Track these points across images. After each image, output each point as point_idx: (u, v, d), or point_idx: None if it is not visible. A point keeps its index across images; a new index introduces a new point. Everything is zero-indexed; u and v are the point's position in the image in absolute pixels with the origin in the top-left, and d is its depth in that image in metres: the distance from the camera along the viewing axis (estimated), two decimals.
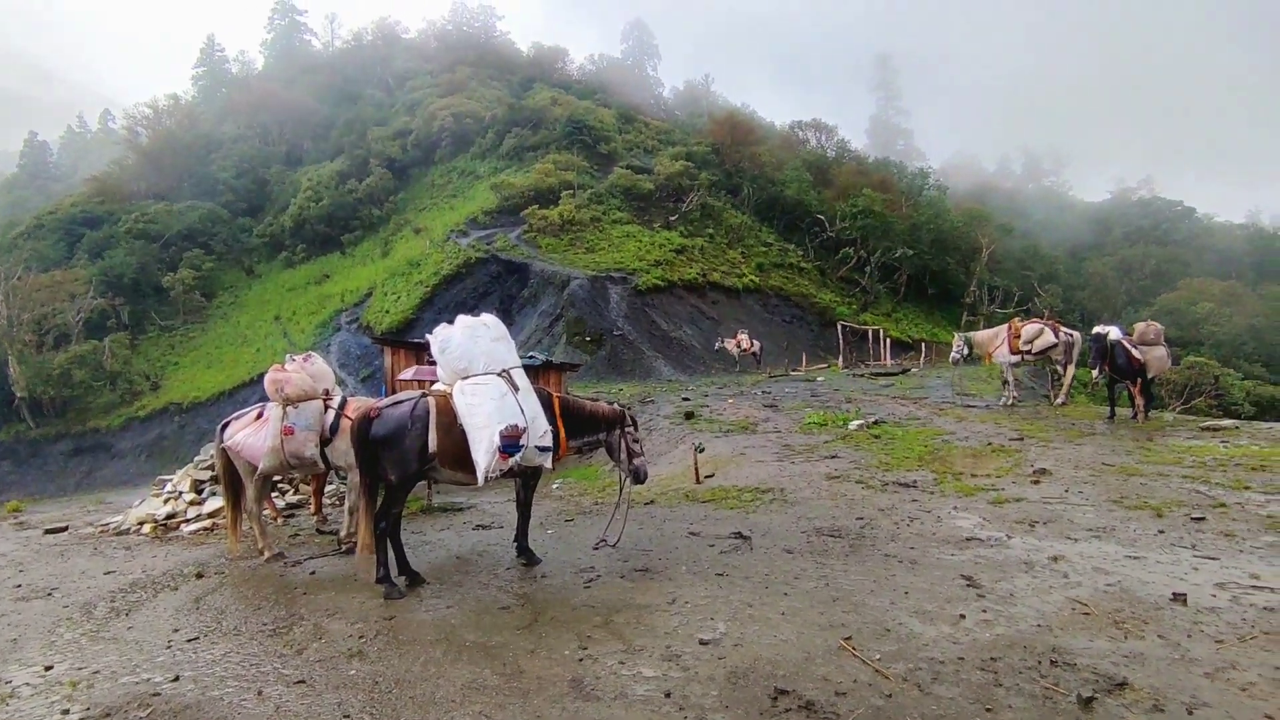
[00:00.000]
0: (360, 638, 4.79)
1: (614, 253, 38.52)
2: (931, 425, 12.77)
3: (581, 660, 4.23)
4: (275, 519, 9.11)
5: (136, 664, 4.64)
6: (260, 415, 7.10)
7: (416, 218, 50.03)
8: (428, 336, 6.20)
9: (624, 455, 6.45)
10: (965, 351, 16.00)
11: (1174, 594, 4.76)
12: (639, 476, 6.53)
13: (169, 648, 4.89)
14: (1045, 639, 4.22)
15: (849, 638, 4.31)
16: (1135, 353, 12.40)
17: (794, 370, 29.04)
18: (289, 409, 6.91)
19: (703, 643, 4.37)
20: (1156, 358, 12.54)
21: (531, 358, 17.66)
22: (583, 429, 6.38)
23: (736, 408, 16.20)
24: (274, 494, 9.82)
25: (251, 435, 6.95)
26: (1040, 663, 3.92)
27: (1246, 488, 7.62)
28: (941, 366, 25.98)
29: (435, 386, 6.24)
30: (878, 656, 4.06)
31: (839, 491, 8.39)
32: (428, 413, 5.58)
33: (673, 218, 44.07)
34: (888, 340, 34.61)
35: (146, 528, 9.14)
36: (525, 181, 45.70)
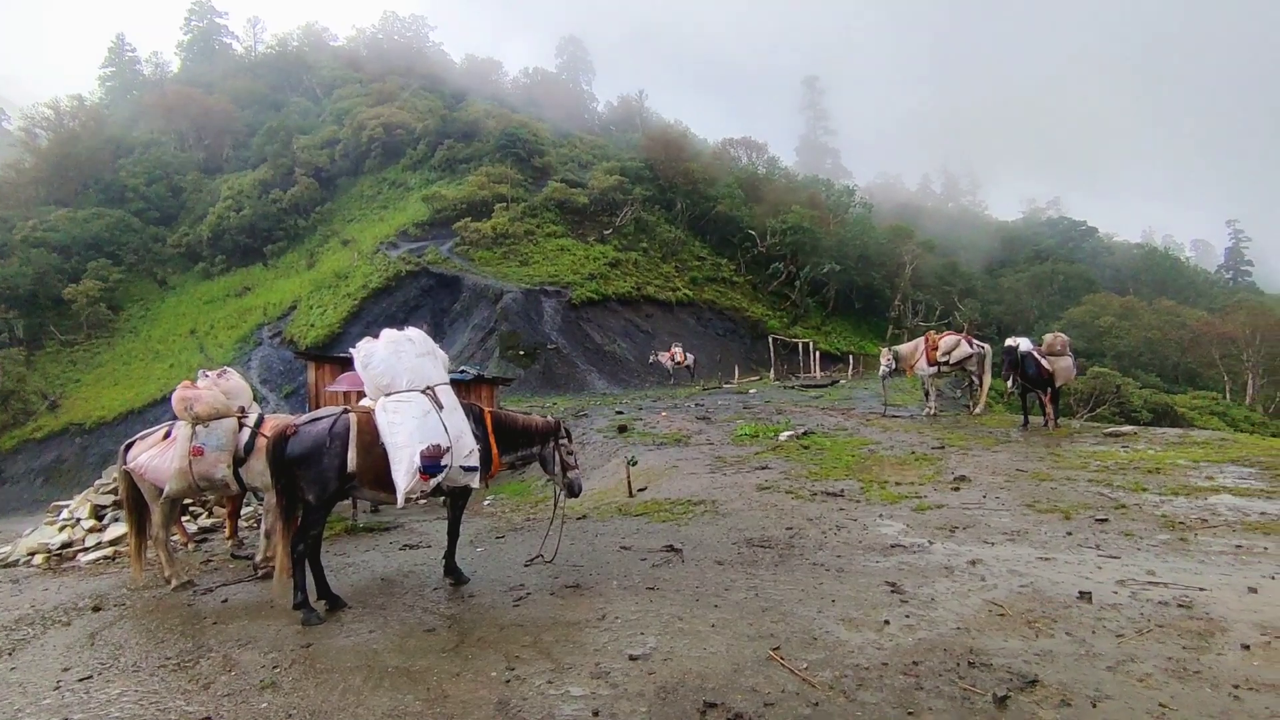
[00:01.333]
0: (274, 668, 4.54)
1: (548, 266, 38.35)
2: (859, 435, 13.13)
3: (508, 681, 4.13)
4: (186, 545, 8.60)
5: (19, 709, 4.27)
6: (168, 435, 6.69)
7: (344, 229, 48.65)
8: (350, 351, 5.99)
9: (558, 468, 6.39)
10: (893, 365, 16.56)
11: (1080, 592, 4.99)
12: (573, 489, 6.50)
13: (57, 689, 4.52)
14: (964, 641, 4.35)
15: (777, 648, 4.35)
16: (1044, 363, 13.07)
17: (727, 382, 29.43)
18: (199, 428, 6.54)
19: (632, 658, 4.32)
20: (1064, 367, 13.27)
21: (463, 372, 17.33)
22: (516, 443, 6.29)
23: (670, 420, 16.29)
24: (185, 518, 9.29)
25: (157, 456, 6.54)
26: (959, 664, 4.03)
27: (1144, 490, 8.09)
28: (869, 378, 26.76)
29: (361, 403, 6.05)
30: (805, 665, 4.10)
31: (769, 502, 8.50)
32: (348, 430, 5.38)
33: (607, 231, 44.21)
34: (817, 353, 35.48)
35: (38, 558, 8.48)
36: (458, 194, 45.08)
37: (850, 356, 36.24)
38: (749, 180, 57.55)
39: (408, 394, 5.54)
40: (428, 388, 5.64)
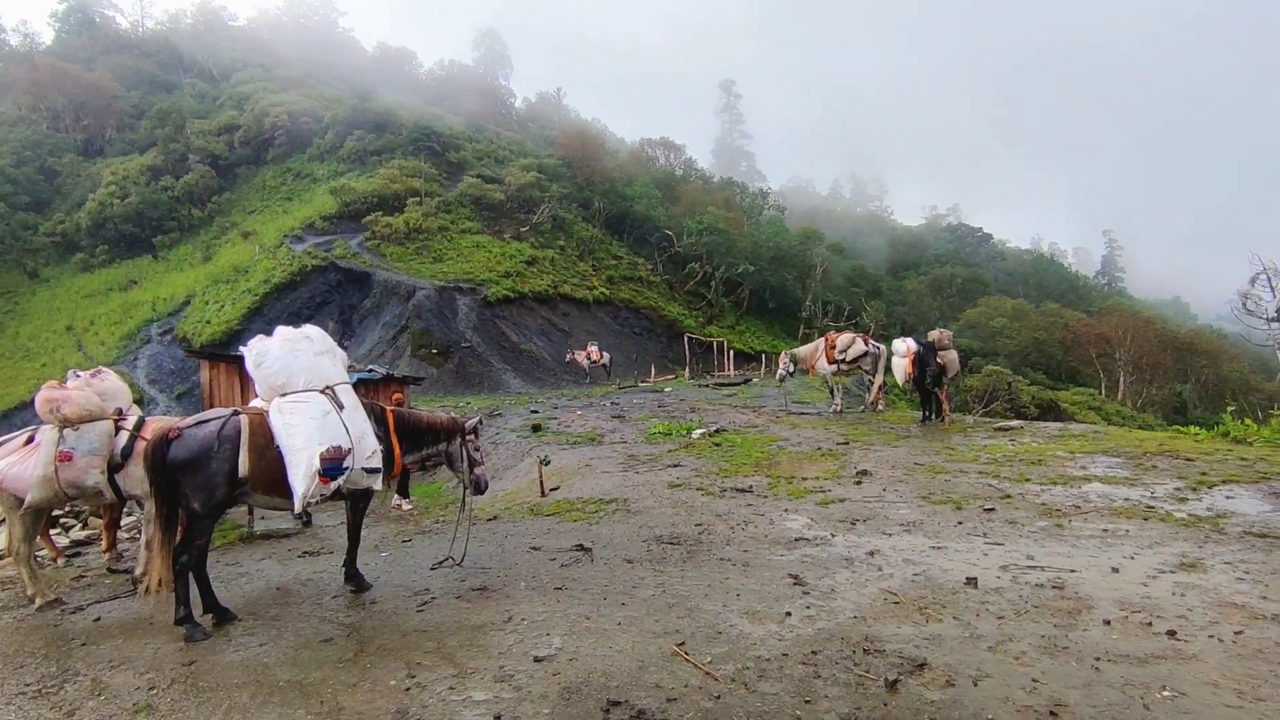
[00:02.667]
0: (151, 689, 4.24)
1: (463, 263, 37.58)
2: (768, 432, 13.47)
3: (408, 690, 4.00)
4: (55, 559, 7.93)
5: None
6: (31, 439, 6.14)
7: (245, 221, 46.18)
8: (241, 349, 5.66)
9: (465, 465, 6.30)
10: (791, 368, 17.10)
11: (968, 579, 5.26)
12: (480, 487, 6.46)
13: None
14: (860, 629, 4.51)
15: (682, 643, 4.39)
16: (938, 358, 13.88)
17: (643, 381, 29.63)
18: (67, 431, 6.02)
19: (537, 660, 4.27)
20: (951, 360, 14.18)
21: (371, 371, 16.75)
22: (421, 442, 6.15)
23: (584, 419, 16.24)
24: (55, 530, 8.56)
25: (17, 463, 5.98)
26: (855, 652, 4.18)
27: (1027, 480, 8.64)
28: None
29: (252, 404, 5.73)
30: (709, 659, 4.16)
31: (680, 499, 8.60)
32: (238, 433, 5.08)
33: (523, 229, 43.71)
34: (731, 352, 36.21)
35: None
36: (368, 187, 43.57)
37: (763, 355, 37.17)
38: (666, 181, 58.19)
39: (305, 394, 5.29)
40: (327, 387, 5.40)
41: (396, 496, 10.95)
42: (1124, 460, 9.58)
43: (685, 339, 38.27)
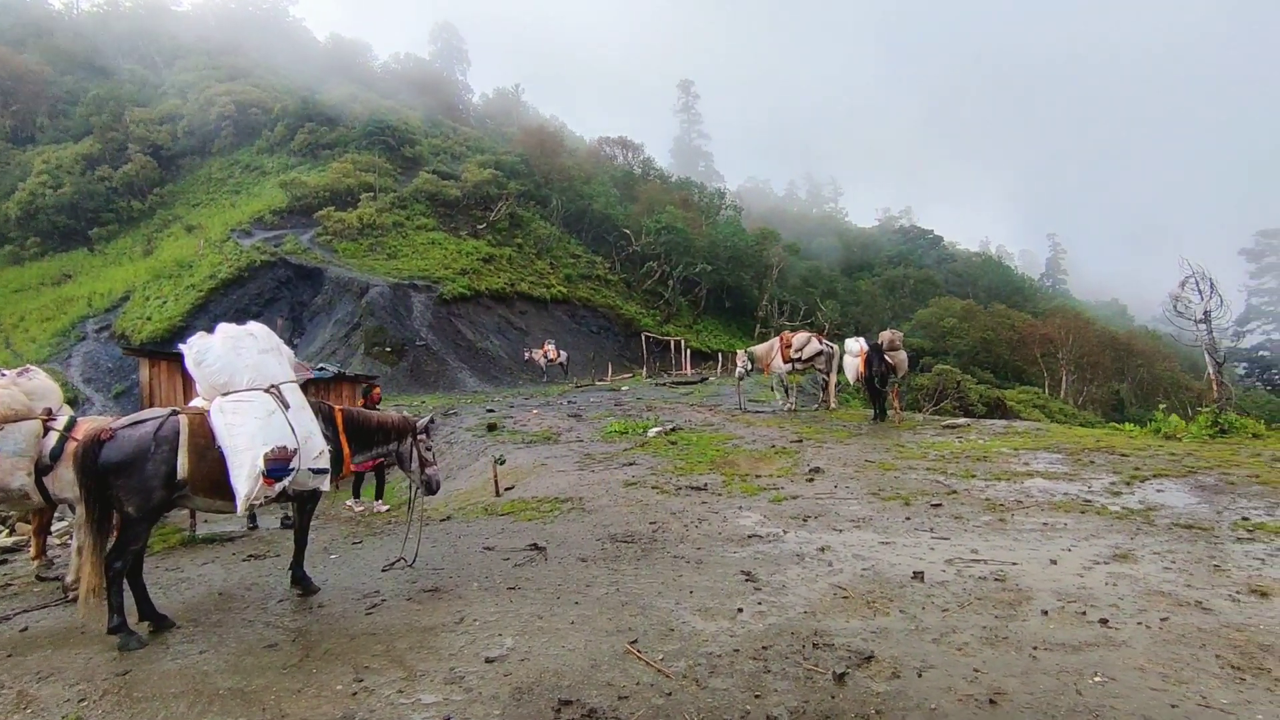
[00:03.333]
0: (81, 701, 4.07)
1: (418, 260, 37.00)
2: (724, 431, 13.58)
3: (355, 694, 3.92)
4: None
5: None
6: None
7: (189, 214, 44.65)
8: (180, 347, 5.47)
9: (416, 465, 6.24)
10: (749, 367, 17.28)
11: (914, 573, 5.39)
12: (431, 486, 6.40)
13: None
14: (810, 624, 4.58)
15: (635, 641, 4.40)
16: (888, 358, 14.20)
17: (600, 380, 29.59)
18: None
19: (489, 661, 4.24)
20: (901, 360, 14.56)
21: (322, 369, 16.39)
22: (371, 442, 6.06)
23: (541, 418, 16.15)
24: None
25: None
26: (804, 646, 4.24)
27: (973, 476, 8.89)
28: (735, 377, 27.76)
29: (193, 402, 5.54)
30: (661, 657, 4.18)
31: (635, 498, 8.61)
32: (176, 434, 4.90)
33: (480, 226, 43.24)
34: (688, 350, 36.42)
35: None
36: (320, 181, 42.54)
37: (720, 354, 37.44)
38: (625, 180, 58.24)
39: (249, 393, 5.15)
40: (272, 386, 5.26)
41: (356, 499, 10.52)
42: (1064, 456, 9.93)
43: (643, 338, 38.35)
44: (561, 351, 30.93)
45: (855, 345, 14.72)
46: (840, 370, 16.30)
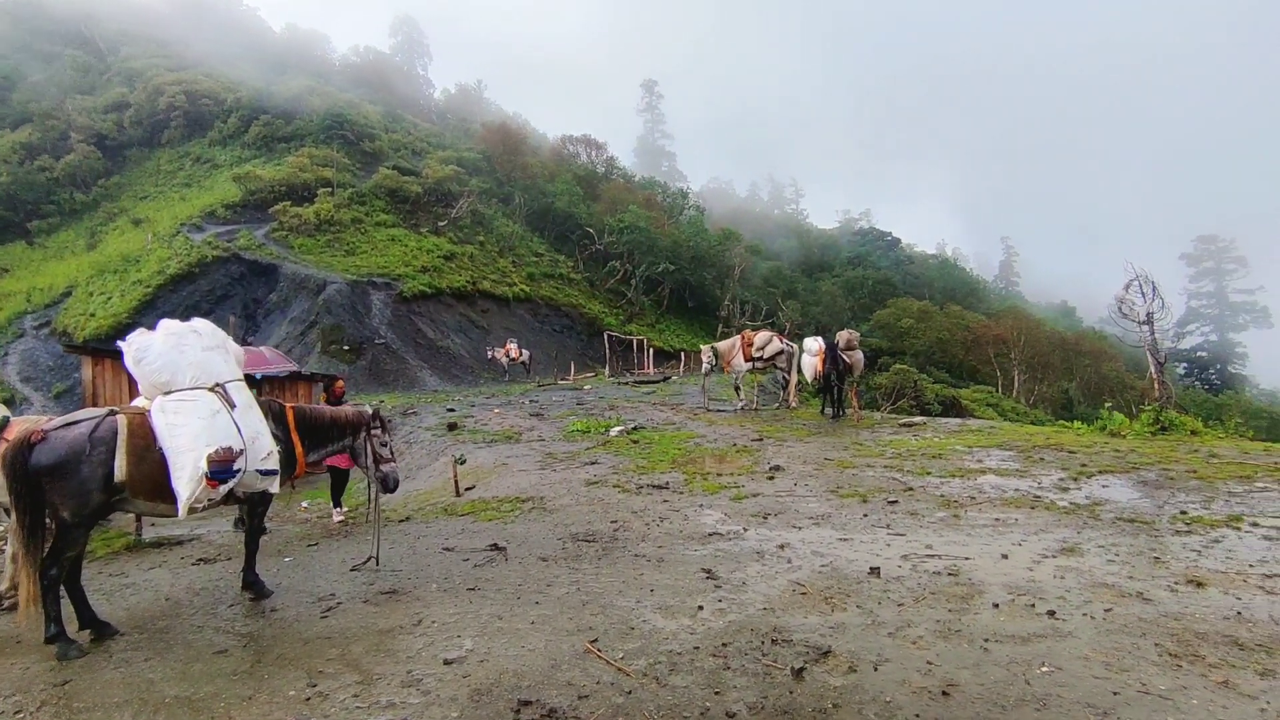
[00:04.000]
0: (18, 713, 3.90)
1: (377, 257, 36.38)
2: (686, 429, 13.64)
3: (309, 699, 3.84)
4: None
5: None
6: None
7: (136, 207, 43.19)
8: (119, 344, 5.27)
9: (371, 461, 6.11)
10: (714, 361, 17.39)
11: (871, 568, 5.49)
12: (388, 484, 6.24)
13: None
14: (769, 620, 4.63)
15: (595, 640, 4.39)
16: (844, 357, 14.46)
17: (562, 379, 29.49)
18: None
19: (447, 662, 4.19)
20: (857, 360, 14.86)
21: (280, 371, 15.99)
22: (325, 439, 5.94)
23: (502, 418, 16.02)
24: None
25: None
26: (763, 643, 4.28)
27: (928, 473, 9.08)
28: (699, 374, 27.94)
29: (134, 402, 5.35)
30: (621, 655, 4.18)
31: (597, 497, 8.60)
32: (114, 435, 4.71)
33: (442, 223, 42.71)
34: (651, 350, 36.50)
35: None
36: (276, 175, 41.54)
37: (682, 353, 37.60)
38: (588, 178, 58.08)
39: (192, 392, 4.98)
40: (217, 384, 5.10)
41: (338, 508, 9.33)
42: (1015, 453, 10.21)
43: (606, 337, 38.33)
44: (524, 350, 30.74)
45: (814, 344, 14.94)
46: (799, 369, 16.52)
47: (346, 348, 28.74)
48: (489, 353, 30.99)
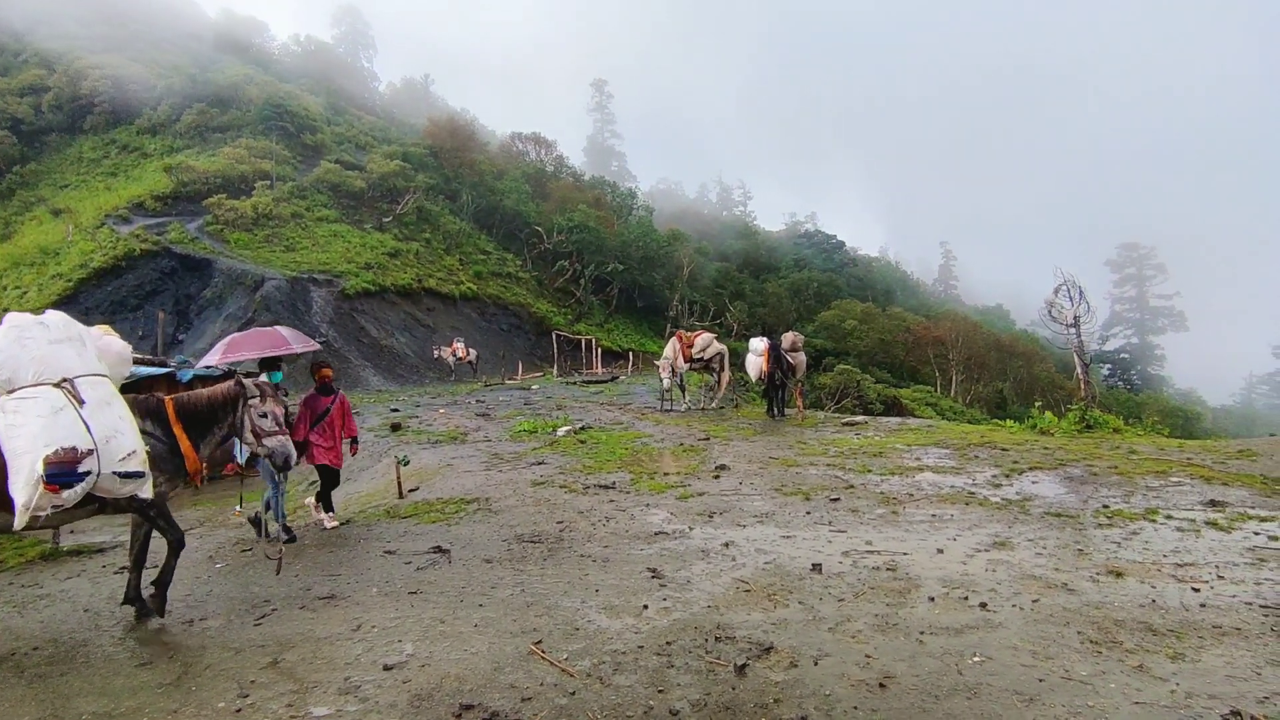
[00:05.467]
0: None
1: (318, 253, 35.34)
2: (633, 429, 13.67)
3: (240, 710, 3.71)
4: None
5: None
6: None
7: (56, 196, 40.94)
8: None
9: (250, 436, 5.50)
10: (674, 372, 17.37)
11: (813, 565, 5.59)
12: (276, 459, 5.58)
13: None
14: (713, 618, 4.67)
15: (539, 641, 4.36)
16: (788, 358, 14.74)
17: (510, 379, 29.19)
18: None
19: (387, 668, 4.10)
20: (801, 361, 15.16)
21: (210, 368, 15.40)
22: (209, 425, 5.41)
23: (448, 418, 15.77)
24: None
25: None
26: (707, 640, 4.32)
27: (869, 471, 9.31)
28: (648, 373, 28.03)
29: None
30: (565, 656, 4.16)
31: (543, 497, 8.55)
32: None
33: (386, 219, 41.77)
34: (599, 349, 36.43)
35: None
36: (211, 166, 39.94)
37: (631, 353, 37.65)
38: (537, 176, 57.61)
39: (34, 389, 4.49)
40: (64, 380, 4.58)
41: (329, 514, 8.21)
42: (951, 451, 10.55)
43: (554, 336, 38.12)
44: (471, 350, 30.32)
45: (759, 344, 15.15)
46: (741, 368, 16.75)
47: None
48: (435, 352, 30.45)
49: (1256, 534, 5.92)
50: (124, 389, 5.08)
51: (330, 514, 8.25)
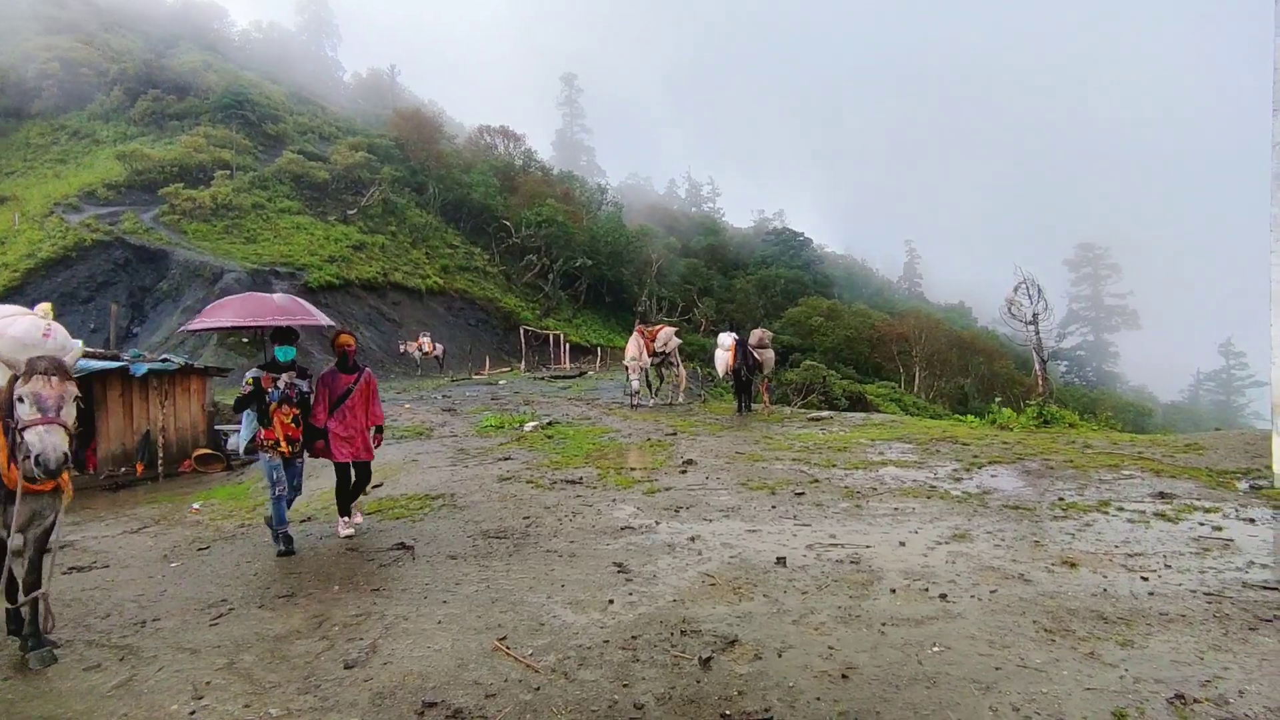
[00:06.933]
0: None
1: (280, 245, 34.64)
2: (601, 424, 13.65)
3: (193, 713, 3.62)
4: None
5: None
6: None
7: (1, 184, 39.44)
8: None
9: (16, 425, 4.04)
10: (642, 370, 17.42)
11: (778, 558, 5.64)
12: (39, 461, 3.89)
13: None
14: (679, 612, 4.69)
15: (504, 638, 4.33)
16: (755, 354, 14.86)
17: (477, 374, 28.97)
18: None
19: (348, 666, 4.04)
20: (768, 358, 15.29)
21: (166, 361, 14.98)
22: None
23: (413, 413, 15.59)
24: None
25: None
26: (672, 634, 4.33)
27: (833, 465, 9.43)
28: (615, 369, 28.02)
29: None
30: (530, 652, 4.14)
31: (509, 493, 8.49)
32: None
33: (351, 211, 41.09)
34: (567, 344, 36.33)
35: None
36: (167, 154, 38.89)
37: (599, 349, 37.60)
38: (505, 170, 57.15)
39: None
40: None
41: (346, 518, 7.19)
42: (914, 446, 10.73)
43: (521, 331, 37.90)
44: (437, 344, 30.03)
45: (727, 339, 15.24)
46: (709, 364, 16.88)
47: (245, 340, 27.20)
48: (401, 346, 30.10)
49: (1201, 524, 6.13)
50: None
51: (346, 518, 7.09)
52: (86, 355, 14.29)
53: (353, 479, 7.18)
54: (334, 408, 6.84)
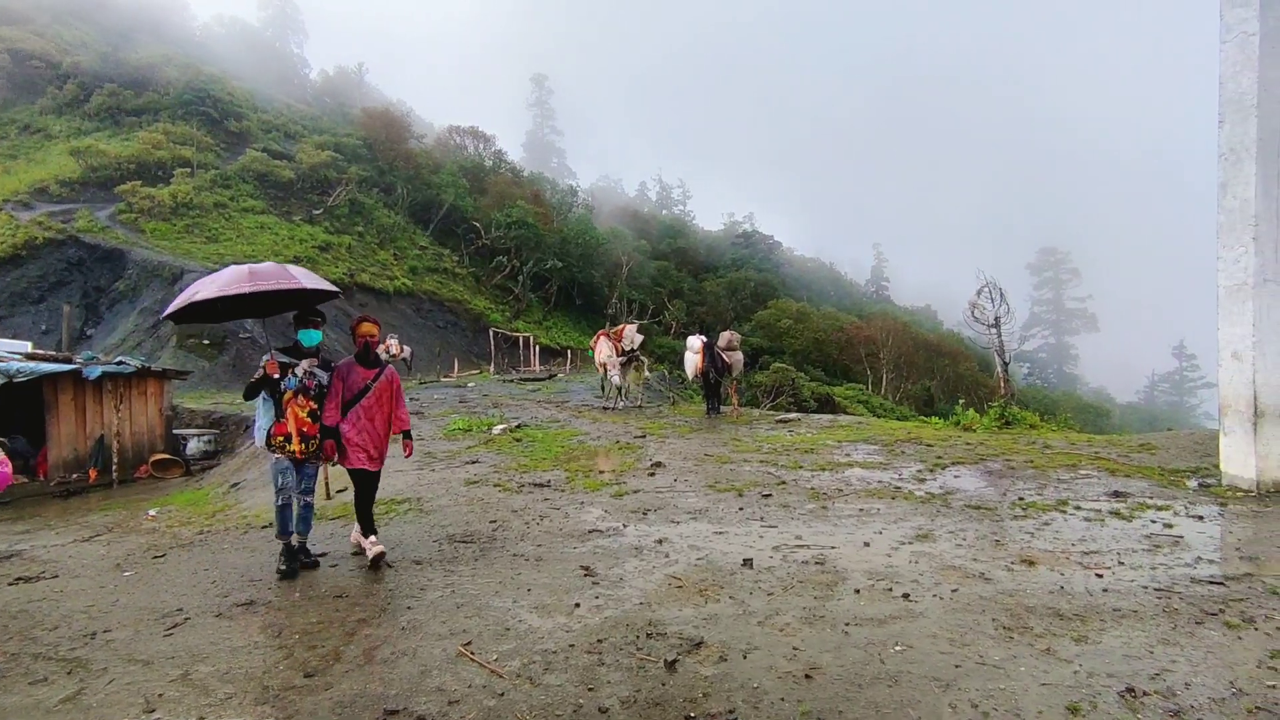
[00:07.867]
0: None
1: (243, 245, 33.96)
2: (570, 427, 13.61)
3: None
4: None
5: None
6: None
7: None
8: None
9: None
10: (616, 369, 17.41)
11: (744, 560, 5.67)
12: None
13: None
14: (645, 614, 4.68)
15: (469, 643, 4.29)
16: (724, 356, 14.94)
17: (445, 376, 28.69)
18: None
19: (308, 675, 3.96)
20: (737, 360, 15.37)
21: (121, 363, 14.59)
22: None
23: None
24: None
25: None
26: (639, 637, 4.33)
27: (800, 467, 9.51)
28: (586, 371, 27.94)
29: None
30: (495, 657, 4.10)
31: (476, 496, 8.42)
32: None
33: (317, 211, 40.44)
34: (537, 347, 36.17)
35: None
36: (124, 151, 37.86)
37: (569, 351, 37.49)
38: (475, 171, 56.73)
39: None
40: None
41: (368, 537, 6.12)
42: (880, 447, 10.87)
43: (491, 333, 37.63)
44: (405, 347, 29.52)
45: (696, 342, 15.30)
46: (678, 366, 16.95)
47: (206, 341, 26.63)
48: None
49: (1153, 522, 6.31)
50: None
51: (372, 537, 6.08)
52: (37, 357, 13.86)
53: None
54: (348, 407, 6.11)
